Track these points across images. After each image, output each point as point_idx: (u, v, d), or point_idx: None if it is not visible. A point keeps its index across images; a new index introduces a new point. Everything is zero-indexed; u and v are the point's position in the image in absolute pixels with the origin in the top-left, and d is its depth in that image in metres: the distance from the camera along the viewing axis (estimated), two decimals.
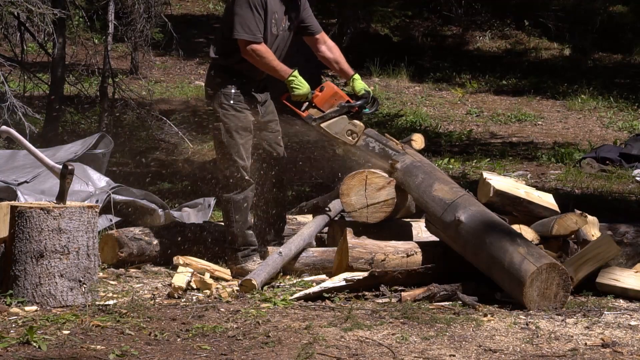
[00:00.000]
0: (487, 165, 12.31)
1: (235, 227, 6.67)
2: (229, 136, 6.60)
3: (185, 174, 11.59)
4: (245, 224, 6.69)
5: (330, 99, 6.71)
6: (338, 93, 6.74)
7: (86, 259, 5.82)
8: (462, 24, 20.33)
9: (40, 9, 10.15)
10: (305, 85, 6.60)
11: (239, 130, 6.61)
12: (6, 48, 13.42)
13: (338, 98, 6.73)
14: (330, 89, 6.75)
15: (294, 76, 6.56)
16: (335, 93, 6.73)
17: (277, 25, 6.60)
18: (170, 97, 16.16)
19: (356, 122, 6.77)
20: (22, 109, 10.26)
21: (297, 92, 6.58)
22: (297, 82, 6.57)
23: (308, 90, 6.61)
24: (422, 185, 6.69)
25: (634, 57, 19.25)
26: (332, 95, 6.72)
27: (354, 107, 6.75)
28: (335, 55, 6.90)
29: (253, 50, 6.47)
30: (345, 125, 6.73)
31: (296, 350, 4.97)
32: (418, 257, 6.45)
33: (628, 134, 14.29)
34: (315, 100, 6.69)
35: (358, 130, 6.76)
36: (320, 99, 6.70)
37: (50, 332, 5.17)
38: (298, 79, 6.57)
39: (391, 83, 17.67)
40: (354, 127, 6.75)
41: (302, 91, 6.59)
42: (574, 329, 5.53)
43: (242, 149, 6.62)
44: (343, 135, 6.74)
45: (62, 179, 5.98)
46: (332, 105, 6.71)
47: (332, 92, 6.73)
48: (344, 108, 6.72)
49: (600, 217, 7.00)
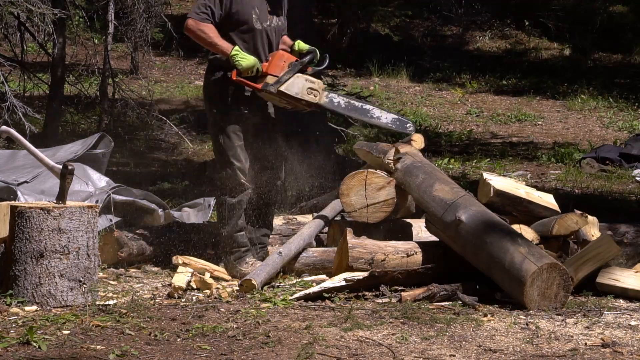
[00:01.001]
0: (487, 165, 12.32)
1: (225, 230, 6.67)
2: (225, 137, 6.60)
3: (185, 174, 11.60)
4: (235, 227, 6.67)
5: (279, 61, 6.57)
6: (285, 54, 6.62)
7: (86, 259, 5.82)
8: (462, 24, 20.33)
9: (40, 9, 10.15)
10: (250, 57, 6.48)
11: (237, 131, 6.61)
12: (6, 48, 13.42)
13: (287, 59, 6.60)
14: (276, 53, 6.62)
15: (237, 50, 6.46)
16: (282, 55, 6.62)
17: (261, 20, 6.59)
18: (170, 97, 16.17)
19: (313, 79, 6.63)
20: (22, 109, 10.27)
21: (244, 65, 6.46)
22: (241, 56, 6.46)
23: (255, 60, 6.49)
24: (423, 186, 6.69)
25: (634, 57, 19.25)
26: (279, 57, 6.60)
27: (304, 62, 6.62)
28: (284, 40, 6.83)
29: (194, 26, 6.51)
30: (303, 84, 6.57)
31: (296, 350, 4.97)
32: (418, 257, 6.45)
33: (628, 134, 14.29)
34: (266, 68, 6.54)
35: (318, 87, 6.62)
36: (271, 65, 6.55)
37: (50, 332, 5.17)
38: (241, 53, 6.46)
39: (391, 83, 17.67)
40: (313, 84, 6.60)
41: (249, 62, 6.47)
42: (574, 329, 5.53)
43: (239, 150, 6.61)
44: (304, 94, 6.57)
45: (62, 179, 5.98)
46: (283, 69, 6.55)
47: (279, 55, 6.61)
48: (296, 66, 6.58)
49: (600, 217, 7.01)
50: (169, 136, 13.31)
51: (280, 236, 7.23)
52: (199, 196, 9.01)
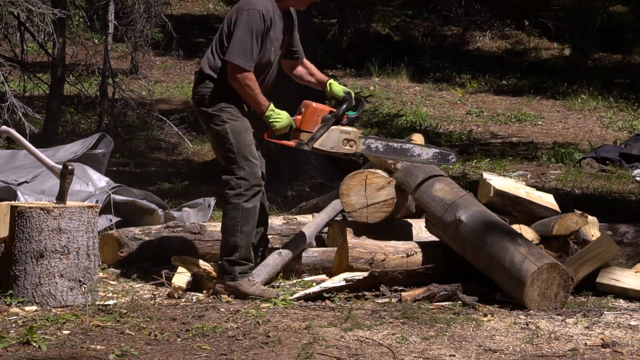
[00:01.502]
0: (487, 165, 12.32)
1: (239, 238, 6.13)
2: (237, 136, 6.16)
3: (185, 174, 11.60)
4: (250, 237, 6.19)
5: (312, 117, 6.31)
6: (318, 108, 6.34)
7: (86, 259, 5.82)
8: (462, 24, 20.34)
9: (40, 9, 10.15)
10: (284, 115, 6.21)
11: (248, 130, 6.21)
12: (6, 48, 13.43)
13: (320, 112, 6.33)
14: (309, 107, 6.34)
15: (271, 110, 6.16)
16: (315, 109, 6.33)
17: (275, 53, 6.28)
18: (170, 97, 16.17)
19: (349, 129, 6.37)
20: (22, 109, 10.27)
21: (278, 126, 6.20)
22: (276, 116, 6.17)
23: (288, 119, 6.23)
24: (423, 186, 6.69)
25: (634, 57, 19.25)
26: (312, 112, 6.32)
27: (339, 115, 6.35)
28: (307, 67, 6.55)
29: (243, 78, 6.08)
30: (339, 137, 6.33)
31: (296, 350, 4.97)
32: (418, 257, 6.45)
33: (628, 134, 14.29)
34: (299, 123, 6.29)
35: (354, 137, 6.37)
36: (304, 121, 6.31)
37: (50, 332, 5.17)
38: (275, 112, 6.18)
39: (391, 83, 17.67)
40: (348, 135, 6.36)
41: (283, 123, 6.20)
42: (574, 329, 5.53)
43: (253, 147, 6.20)
44: (340, 147, 6.35)
45: (62, 179, 5.98)
46: (316, 123, 6.30)
47: (311, 109, 6.33)
48: (329, 120, 6.31)
49: (600, 217, 7.00)
50: (169, 136, 13.31)
51: (280, 236, 7.23)
52: (199, 196, 9.01)
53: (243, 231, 6.13)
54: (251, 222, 6.16)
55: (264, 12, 6.10)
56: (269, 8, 6.14)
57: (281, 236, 7.22)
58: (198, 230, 7.12)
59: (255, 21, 6.09)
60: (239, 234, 6.13)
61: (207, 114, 6.23)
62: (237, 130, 6.17)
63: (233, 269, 6.14)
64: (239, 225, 6.13)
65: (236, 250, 6.14)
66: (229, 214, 6.16)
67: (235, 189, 6.14)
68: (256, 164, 6.18)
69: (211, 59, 6.25)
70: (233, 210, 6.14)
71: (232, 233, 6.14)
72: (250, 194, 6.15)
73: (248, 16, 6.09)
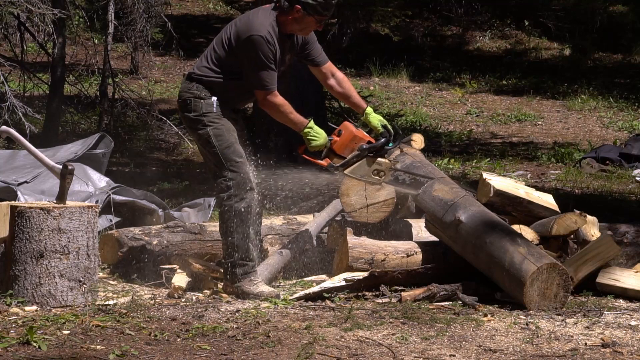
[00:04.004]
0: (487, 165, 12.32)
1: (235, 238, 6.16)
2: (219, 138, 6.16)
3: (185, 174, 11.60)
4: (246, 236, 6.18)
5: (350, 143, 6.25)
6: (357, 136, 6.26)
7: (86, 259, 5.83)
8: (462, 24, 20.33)
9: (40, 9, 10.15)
10: (322, 134, 6.19)
11: (230, 131, 6.19)
12: (6, 48, 13.41)
13: (358, 141, 6.25)
14: (349, 132, 6.27)
15: (310, 127, 6.16)
16: (355, 137, 6.25)
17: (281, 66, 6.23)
18: (170, 97, 16.16)
19: (381, 161, 6.32)
20: (22, 109, 10.27)
21: (315, 144, 6.18)
22: (314, 134, 6.16)
23: (326, 139, 6.20)
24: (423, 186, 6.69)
25: (634, 57, 19.26)
26: (351, 139, 6.25)
27: (376, 148, 6.29)
28: (345, 89, 6.47)
29: (273, 103, 6.12)
30: (370, 167, 6.29)
31: (296, 350, 4.97)
32: (418, 257, 6.45)
33: (628, 134, 14.30)
34: (335, 146, 6.25)
35: (385, 169, 6.32)
36: (340, 145, 6.26)
37: (50, 332, 5.17)
38: (314, 129, 6.17)
39: (391, 83, 17.68)
40: (380, 167, 6.31)
41: (319, 142, 6.18)
42: (574, 329, 5.53)
43: (237, 146, 6.18)
44: (369, 177, 6.31)
45: (62, 179, 5.98)
46: (352, 150, 6.26)
47: (351, 135, 6.26)
48: (365, 151, 6.25)
49: (600, 217, 7.00)
50: (169, 136, 13.31)
51: (280, 236, 7.23)
52: (199, 196, 9.01)
53: (239, 232, 6.15)
54: (246, 221, 6.16)
55: (268, 38, 6.05)
56: (270, 32, 6.09)
57: (281, 236, 7.22)
58: (198, 230, 7.12)
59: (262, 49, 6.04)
60: (235, 235, 6.15)
61: (189, 118, 6.24)
62: (218, 133, 6.15)
63: (234, 270, 6.17)
64: (234, 226, 6.15)
65: (235, 251, 6.16)
66: (223, 217, 6.20)
67: (225, 191, 6.16)
68: (242, 162, 6.17)
69: (199, 63, 6.26)
70: (227, 212, 6.17)
71: (229, 235, 6.17)
72: (241, 193, 6.15)
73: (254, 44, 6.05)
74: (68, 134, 12.76)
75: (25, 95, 12.34)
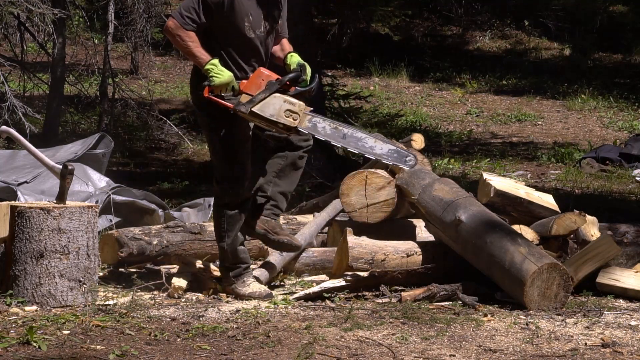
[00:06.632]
0: (487, 165, 12.32)
1: (225, 243, 6.15)
2: (223, 142, 6.04)
3: (185, 174, 11.61)
4: (236, 240, 6.15)
5: (256, 79, 5.91)
6: (264, 73, 5.93)
7: (86, 259, 5.82)
8: (462, 24, 20.35)
9: (40, 9, 10.16)
10: (226, 72, 5.85)
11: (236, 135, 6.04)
12: (6, 48, 13.42)
13: (265, 77, 5.91)
14: (256, 71, 5.96)
15: (213, 64, 5.84)
16: (261, 72, 5.93)
17: (253, 28, 5.96)
18: (170, 97, 16.18)
19: (293, 100, 5.88)
20: (22, 109, 10.28)
21: (217, 82, 5.83)
22: (217, 70, 5.84)
23: (230, 77, 5.86)
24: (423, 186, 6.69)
25: (634, 57, 19.27)
26: (257, 75, 5.93)
27: (284, 81, 5.90)
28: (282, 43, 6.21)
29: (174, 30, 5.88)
30: (281, 105, 5.85)
31: (296, 350, 4.97)
32: (418, 257, 6.45)
33: (628, 134, 14.31)
34: (243, 87, 5.90)
35: (298, 110, 5.88)
36: (248, 83, 5.91)
37: (50, 332, 5.17)
38: (218, 67, 5.85)
39: (391, 83, 17.68)
40: (292, 106, 5.87)
41: (222, 79, 5.84)
42: (574, 329, 5.53)
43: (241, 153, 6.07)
44: (281, 116, 5.86)
45: (62, 179, 5.98)
46: (260, 87, 5.88)
47: (257, 72, 5.94)
48: (273, 85, 5.87)
49: (600, 217, 7.00)
50: (169, 136, 13.31)
51: None
52: (199, 196, 9.01)
53: (229, 236, 6.14)
54: (236, 227, 6.14)
55: None
56: None
57: None
58: (198, 230, 7.12)
59: None
60: (226, 239, 6.15)
61: (199, 116, 6.22)
62: (224, 136, 6.03)
63: (228, 273, 6.21)
64: (225, 231, 6.14)
65: (226, 255, 6.19)
66: (216, 221, 6.21)
67: (219, 196, 6.15)
68: (240, 175, 6.06)
69: None
70: (220, 217, 6.16)
71: (220, 239, 6.18)
72: (235, 201, 6.10)
73: None
74: (68, 134, 12.76)
75: (25, 95, 12.35)
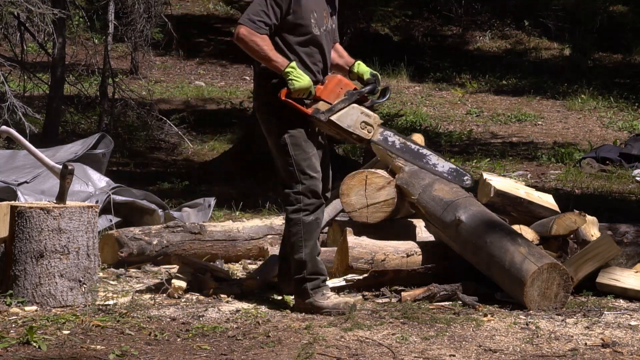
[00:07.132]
0: (487, 165, 12.33)
1: (304, 253, 5.80)
2: (296, 148, 5.77)
3: (185, 174, 11.61)
4: (315, 249, 5.84)
5: (335, 88, 5.85)
6: (343, 81, 5.89)
7: (86, 259, 5.82)
8: (462, 24, 20.35)
9: (40, 9, 10.16)
10: (305, 77, 5.68)
11: (307, 140, 5.82)
12: (6, 48, 13.43)
13: (344, 86, 5.87)
14: (334, 77, 5.90)
15: (292, 67, 5.66)
16: (340, 81, 5.88)
17: (319, 25, 5.80)
18: (170, 97, 16.18)
19: (369, 112, 5.94)
20: (22, 109, 10.28)
21: (297, 86, 5.65)
22: (296, 74, 5.65)
23: (309, 82, 5.69)
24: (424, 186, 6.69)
25: (634, 57, 19.27)
26: (336, 83, 5.87)
27: (363, 93, 5.90)
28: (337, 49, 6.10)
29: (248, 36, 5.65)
30: (358, 117, 5.88)
31: (296, 350, 4.97)
32: (418, 257, 6.45)
33: (628, 134, 14.31)
34: (320, 93, 5.80)
35: (373, 122, 5.95)
36: (326, 90, 5.82)
37: (50, 332, 5.17)
38: (297, 70, 5.66)
39: (391, 83, 17.69)
40: (368, 118, 5.92)
41: (302, 84, 5.66)
42: (574, 329, 5.53)
43: (314, 160, 5.82)
44: (357, 128, 5.90)
45: (62, 179, 5.98)
46: (338, 95, 5.84)
47: (336, 80, 5.88)
48: (353, 95, 5.85)
49: (600, 217, 7.00)
50: (169, 136, 13.32)
51: (280, 236, 7.22)
52: (199, 196, 9.01)
53: (307, 245, 5.82)
54: (314, 235, 5.85)
55: None
56: None
57: (281, 236, 7.21)
58: (198, 230, 7.12)
59: None
60: (304, 250, 5.82)
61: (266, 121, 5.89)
62: (296, 141, 5.79)
63: (304, 286, 5.83)
64: (303, 241, 5.82)
65: (304, 266, 5.83)
66: (291, 231, 5.85)
67: (294, 204, 5.82)
68: (316, 178, 5.82)
69: None
70: (294, 226, 5.83)
71: (298, 250, 5.83)
72: (311, 207, 5.84)
73: None
74: (68, 134, 12.78)
75: (25, 95, 12.35)
